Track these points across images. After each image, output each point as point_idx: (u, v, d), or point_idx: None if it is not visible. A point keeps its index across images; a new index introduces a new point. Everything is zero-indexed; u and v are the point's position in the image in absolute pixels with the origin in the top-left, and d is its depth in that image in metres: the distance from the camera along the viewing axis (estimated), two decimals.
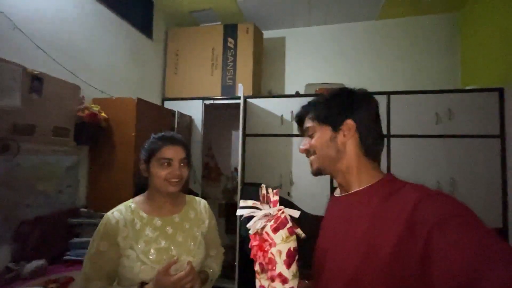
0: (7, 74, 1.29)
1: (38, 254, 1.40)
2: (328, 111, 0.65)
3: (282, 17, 2.86)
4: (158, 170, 0.87)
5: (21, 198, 1.42)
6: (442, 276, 0.40)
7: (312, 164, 0.69)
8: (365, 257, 0.52)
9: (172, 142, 0.91)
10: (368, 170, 0.63)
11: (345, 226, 0.61)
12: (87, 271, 0.81)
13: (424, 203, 0.48)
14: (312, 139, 0.67)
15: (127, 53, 2.26)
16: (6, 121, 1.31)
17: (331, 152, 0.64)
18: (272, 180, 2.38)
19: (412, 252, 0.45)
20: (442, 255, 0.41)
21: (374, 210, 0.56)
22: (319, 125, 0.66)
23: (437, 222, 0.44)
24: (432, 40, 2.68)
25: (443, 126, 2.09)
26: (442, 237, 0.42)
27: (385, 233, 0.51)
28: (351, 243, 0.56)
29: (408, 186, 0.56)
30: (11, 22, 1.35)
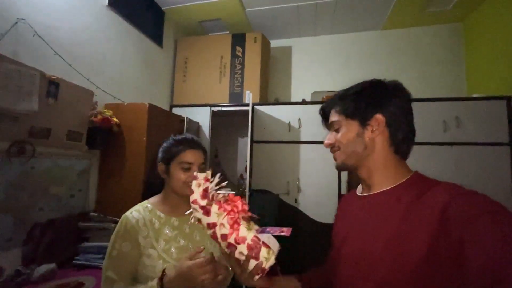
0: (26, 78, 1.32)
1: (48, 257, 1.40)
2: (357, 105, 0.62)
3: (289, 27, 2.92)
4: (178, 173, 0.88)
5: (34, 201, 1.43)
6: (475, 272, 0.40)
7: (336, 158, 0.66)
8: (398, 258, 0.50)
9: (193, 146, 0.91)
10: (396, 168, 0.61)
11: (374, 226, 0.57)
12: (109, 274, 0.80)
13: (456, 201, 0.47)
14: (338, 133, 0.64)
15: (138, 61, 2.31)
16: (23, 124, 1.34)
17: (358, 148, 0.61)
18: (280, 187, 2.37)
19: (447, 251, 0.45)
20: (475, 252, 0.40)
21: (404, 210, 0.53)
22: (346, 119, 0.63)
23: (469, 220, 0.43)
24: (437, 50, 2.72)
25: (451, 133, 2.10)
26: (474, 234, 0.41)
27: (418, 233, 0.49)
28: (382, 244, 0.54)
29: (440, 185, 0.54)
30: (32, 29, 1.40)
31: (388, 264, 0.51)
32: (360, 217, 0.63)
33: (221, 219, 0.64)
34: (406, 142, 0.62)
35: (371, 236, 0.57)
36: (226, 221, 0.64)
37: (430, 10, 2.52)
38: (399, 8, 2.50)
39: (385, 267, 0.52)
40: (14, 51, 1.32)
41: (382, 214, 0.57)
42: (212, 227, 0.64)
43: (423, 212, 0.50)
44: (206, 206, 0.66)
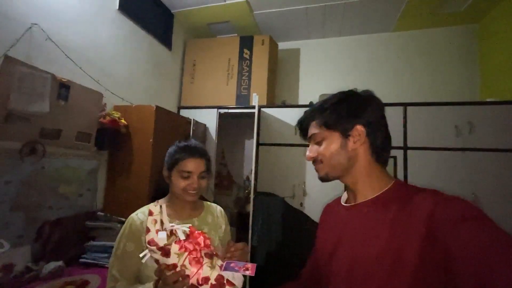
0: (38, 81, 1.37)
1: (56, 255, 1.44)
2: (337, 116, 0.62)
3: (297, 29, 2.91)
4: (178, 181, 0.90)
5: (44, 199, 1.48)
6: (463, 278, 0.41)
7: (318, 170, 0.66)
8: (392, 268, 0.51)
9: (193, 154, 0.92)
10: (379, 175, 0.62)
11: (364, 236, 0.58)
12: (114, 272, 0.83)
13: (439, 208, 0.49)
14: (320, 146, 0.64)
15: (147, 63, 2.35)
16: (35, 125, 1.38)
17: (342, 159, 0.62)
18: (285, 190, 2.36)
19: (436, 257, 0.46)
20: (461, 257, 0.42)
21: (393, 218, 0.55)
22: (327, 131, 0.63)
23: (453, 226, 0.45)
24: (450, 52, 2.65)
25: (463, 139, 2.03)
26: (459, 240, 0.43)
27: (408, 242, 0.50)
28: (375, 254, 0.54)
29: (423, 192, 0.55)
30: (44, 33, 1.45)
31: (383, 273, 0.52)
32: (348, 228, 0.63)
33: (181, 260, 0.62)
34: (386, 149, 0.64)
35: (362, 246, 0.58)
36: (187, 262, 0.62)
37: (443, 12, 2.45)
38: (410, 10, 2.44)
39: (380, 277, 0.52)
40: (28, 55, 1.37)
41: (370, 224, 0.58)
42: (173, 269, 0.61)
43: (411, 220, 0.52)
44: (165, 246, 0.62)
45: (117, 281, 0.82)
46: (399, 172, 2.14)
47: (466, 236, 0.43)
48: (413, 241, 0.49)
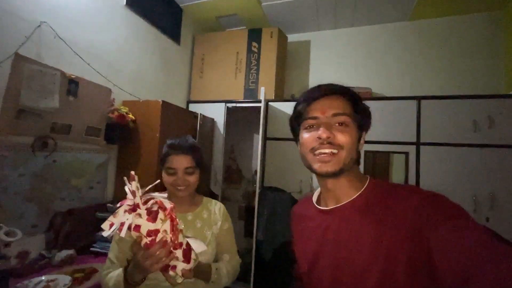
0: (48, 78, 1.42)
1: (68, 244, 1.52)
2: (365, 114, 0.60)
3: (307, 20, 2.82)
4: (165, 177, 0.93)
5: (56, 191, 1.55)
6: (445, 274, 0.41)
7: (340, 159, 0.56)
8: (386, 266, 0.49)
9: (177, 151, 0.92)
10: (359, 174, 0.62)
11: (349, 241, 0.55)
12: (110, 256, 0.89)
13: (424, 205, 0.48)
14: (343, 133, 0.56)
15: (155, 58, 2.38)
16: (46, 121, 1.45)
17: (355, 155, 0.58)
18: (292, 185, 2.34)
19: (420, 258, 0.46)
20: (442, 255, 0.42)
21: (377, 219, 0.53)
22: (353, 119, 0.58)
23: (435, 225, 0.45)
24: (471, 41, 2.47)
25: (481, 134, 1.91)
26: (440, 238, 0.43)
27: (397, 239, 0.49)
28: (363, 259, 0.52)
29: (402, 188, 0.55)
30: (53, 31, 1.49)
31: (374, 278, 0.50)
32: (332, 233, 0.59)
33: (164, 225, 0.63)
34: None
35: (348, 252, 0.55)
36: (168, 227, 0.63)
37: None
38: None
39: (373, 280, 0.50)
40: (37, 53, 1.42)
41: (354, 227, 0.56)
42: (153, 235, 0.62)
43: (397, 220, 0.50)
44: (152, 210, 0.63)
45: (112, 264, 0.87)
46: (411, 169, 2.05)
47: (448, 232, 0.43)
48: (400, 241, 0.48)
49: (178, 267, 0.67)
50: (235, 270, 1.01)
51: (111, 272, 0.84)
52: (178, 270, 0.67)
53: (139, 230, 0.62)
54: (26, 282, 1.18)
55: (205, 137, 2.48)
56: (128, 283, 0.74)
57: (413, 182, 2.03)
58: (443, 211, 0.46)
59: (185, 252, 0.68)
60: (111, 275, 0.83)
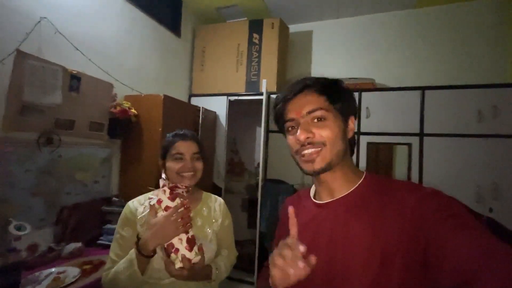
0: (50, 74, 1.43)
1: (75, 237, 1.56)
2: (345, 99, 0.57)
3: (309, 9, 2.77)
4: (172, 164, 0.92)
5: (62, 186, 1.58)
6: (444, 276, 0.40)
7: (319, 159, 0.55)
8: (381, 264, 0.48)
9: (183, 138, 0.95)
10: (354, 168, 0.60)
11: (346, 234, 0.53)
12: (112, 255, 0.89)
13: (423, 204, 0.47)
14: (322, 128, 0.55)
15: (156, 51, 2.37)
16: (49, 117, 1.46)
17: (344, 147, 0.57)
18: (295, 177, 2.35)
19: (417, 256, 0.45)
20: (442, 255, 0.41)
21: (373, 213, 0.52)
22: (333, 110, 0.56)
23: (434, 224, 0.44)
24: (475, 29, 2.40)
25: (486, 124, 1.89)
26: (440, 237, 0.42)
27: (393, 237, 0.48)
28: (361, 252, 0.50)
29: (399, 184, 0.54)
30: (53, 26, 1.49)
31: (373, 273, 0.49)
32: (326, 228, 0.57)
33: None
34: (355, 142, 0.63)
35: (342, 248, 0.53)
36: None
37: None
38: None
39: (370, 276, 0.49)
40: (38, 49, 1.42)
41: (351, 222, 0.54)
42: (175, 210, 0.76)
43: (393, 216, 0.49)
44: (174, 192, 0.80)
45: (114, 262, 0.87)
46: (413, 160, 2.05)
47: (449, 232, 0.42)
48: (398, 243, 0.47)
49: (180, 251, 0.74)
50: (232, 264, 1.05)
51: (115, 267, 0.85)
52: (179, 254, 0.74)
53: (160, 204, 0.77)
54: (37, 274, 1.22)
55: (208, 130, 2.49)
56: (140, 255, 0.77)
57: (416, 173, 2.03)
58: (442, 210, 0.45)
59: (189, 240, 0.76)
60: (118, 265, 0.83)
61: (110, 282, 0.84)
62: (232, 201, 3.00)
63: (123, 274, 0.79)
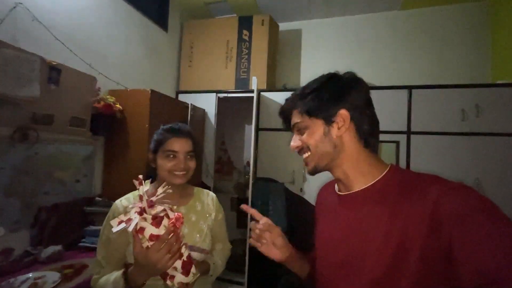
0: (26, 64, 1.32)
1: (55, 240, 1.45)
2: (319, 102, 0.58)
3: (299, 8, 2.77)
4: (164, 162, 0.87)
5: (39, 185, 1.47)
6: (468, 274, 0.39)
7: (307, 163, 0.62)
8: (394, 259, 0.48)
9: (178, 134, 0.89)
10: (370, 162, 0.59)
11: (362, 227, 0.55)
12: (99, 258, 0.84)
13: (446, 197, 0.45)
14: (303, 135, 0.60)
15: (142, 45, 2.28)
16: (25, 111, 1.35)
17: (327, 148, 0.58)
18: (285, 175, 2.34)
19: (438, 250, 0.44)
20: (468, 252, 0.40)
21: (392, 208, 0.51)
22: (309, 119, 0.59)
23: (460, 218, 0.42)
24: (459, 31, 2.50)
25: (469, 123, 1.96)
26: (466, 232, 0.41)
27: (411, 232, 0.47)
28: (375, 245, 0.51)
29: (423, 177, 0.52)
30: (30, 13, 1.38)
31: (385, 264, 0.49)
32: (341, 219, 0.60)
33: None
34: (373, 134, 0.60)
35: (359, 239, 0.54)
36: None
37: None
38: None
39: (382, 267, 0.50)
40: (13, 37, 1.31)
41: (369, 212, 0.55)
42: (155, 240, 0.63)
43: (413, 211, 0.48)
44: (158, 216, 0.64)
45: (101, 266, 0.82)
46: (401, 158, 2.09)
47: (472, 227, 0.41)
48: (416, 234, 0.46)
49: (176, 278, 0.67)
50: (226, 257, 1.04)
51: (105, 276, 0.79)
52: (175, 281, 0.67)
53: (143, 233, 0.63)
54: (12, 280, 1.13)
55: (196, 128, 2.42)
56: (128, 286, 0.71)
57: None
58: (468, 205, 0.43)
59: (185, 264, 0.68)
60: (106, 279, 0.78)
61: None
62: (221, 200, 2.90)
63: None
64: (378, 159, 0.60)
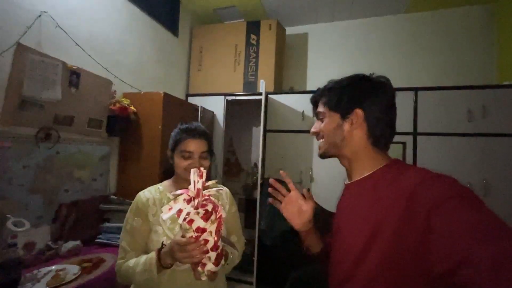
0: (50, 68, 1.41)
1: (74, 235, 1.52)
2: (339, 99, 0.65)
3: (305, 13, 2.83)
4: (180, 161, 0.93)
5: (60, 183, 1.55)
6: (439, 255, 0.41)
7: (319, 147, 0.71)
8: (371, 235, 0.54)
9: (194, 135, 0.94)
10: (374, 156, 0.64)
11: (354, 210, 0.63)
12: (124, 245, 0.89)
13: (424, 184, 0.49)
14: (322, 123, 0.69)
15: (155, 51, 2.37)
16: (48, 112, 1.44)
17: (336, 139, 0.66)
18: (293, 176, 2.37)
19: (411, 231, 0.47)
20: (439, 235, 0.42)
21: (379, 194, 0.57)
22: (329, 111, 0.67)
23: (435, 203, 0.45)
24: (465, 33, 2.53)
25: (476, 124, 1.97)
26: (440, 218, 0.43)
27: (388, 212, 0.52)
28: (358, 224, 0.59)
29: (412, 169, 0.57)
30: (54, 21, 1.47)
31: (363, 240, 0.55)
32: (346, 203, 0.68)
33: (211, 227, 0.70)
34: (385, 136, 0.64)
35: (352, 217, 0.62)
36: (214, 230, 0.70)
37: None
38: None
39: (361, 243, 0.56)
40: (38, 43, 1.40)
41: (361, 199, 0.62)
42: (200, 232, 0.68)
43: (393, 196, 0.53)
44: (208, 211, 0.69)
45: (127, 253, 0.88)
46: (408, 159, 2.11)
47: (447, 214, 0.43)
48: (392, 214, 0.51)
49: (207, 266, 0.72)
50: (242, 250, 1.07)
51: (132, 259, 0.85)
52: (206, 269, 0.72)
53: (191, 224, 0.68)
54: (35, 272, 1.19)
55: None
56: (159, 264, 0.76)
57: None
58: (447, 191, 0.46)
59: (218, 255, 0.73)
60: (135, 261, 0.83)
61: (125, 275, 0.85)
62: None
63: (140, 276, 0.80)
64: (382, 155, 0.64)
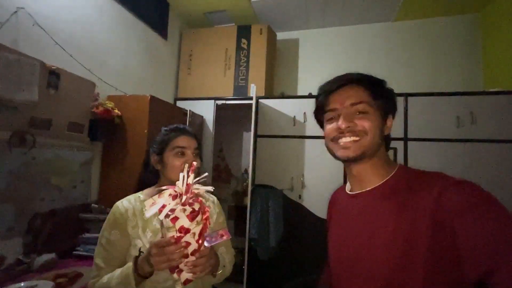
0: (26, 68, 1.32)
1: (49, 247, 1.41)
2: (387, 97, 0.60)
3: (296, 18, 2.84)
4: (173, 160, 0.86)
5: (35, 191, 1.44)
6: (471, 264, 0.41)
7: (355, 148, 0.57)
8: (403, 253, 0.49)
9: (184, 132, 0.91)
10: (387, 161, 0.62)
11: (372, 223, 0.56)
12: (98, 262, 0.80)
13: (448, 192, 0.47)
14: (364, 119, 0.57)
15: (142, 53, 2.29)
16: (23, 115, 1.34)
17: (379, 140, 0.58)
18: (284, 182, 2.33)
19: (443, 243, 0.45)
20: (469, 244, 0.41)
21: (399, 205, 0.53)
22: (374, 105, 0.58)
23: (460, 211, 0.44)
24: (452, 42, 2.59)
25: (464, 130, 1.99)
26: (466, 225, 0.42)
27: (417, 226, 0.48)
28: (384, 240, 0.52)
29: (429, 175, 0.54)
30: (31, 18, 1.39)
31: (394, 259, 0.50)
32: (355, 217, 0.61)
33: (195, 228, 0.63)
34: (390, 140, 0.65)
35: (369, 236, 0.56)
36: (197, 232, 0.63)
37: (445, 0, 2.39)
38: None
39: (392, 263, 0.50)
40: (14, 41, 1.31)
41: (377, 212, 0.56)
42: (183, 233, 0.62)
43: (418, 206, 0.50)
44: (195, 210, 0.63)
45: (100, 270, 0.79)
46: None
47: (473, 222, 0.42)
48: (421, 228, 0.48)
49: (183, 274, 0.65)
50: (232, 261, 1.00)
51: (106, 275, 0.76)
52: (182, 276, 0.65)
53: (175, 223, 0.61)
54: None
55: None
56: (137, 274, 0.69)
57: None
58: (469, 199, 0.45)
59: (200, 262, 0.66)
60: (109, 276, 0.75)
61: None
62: None
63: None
64: (389, 159, 0.64)
